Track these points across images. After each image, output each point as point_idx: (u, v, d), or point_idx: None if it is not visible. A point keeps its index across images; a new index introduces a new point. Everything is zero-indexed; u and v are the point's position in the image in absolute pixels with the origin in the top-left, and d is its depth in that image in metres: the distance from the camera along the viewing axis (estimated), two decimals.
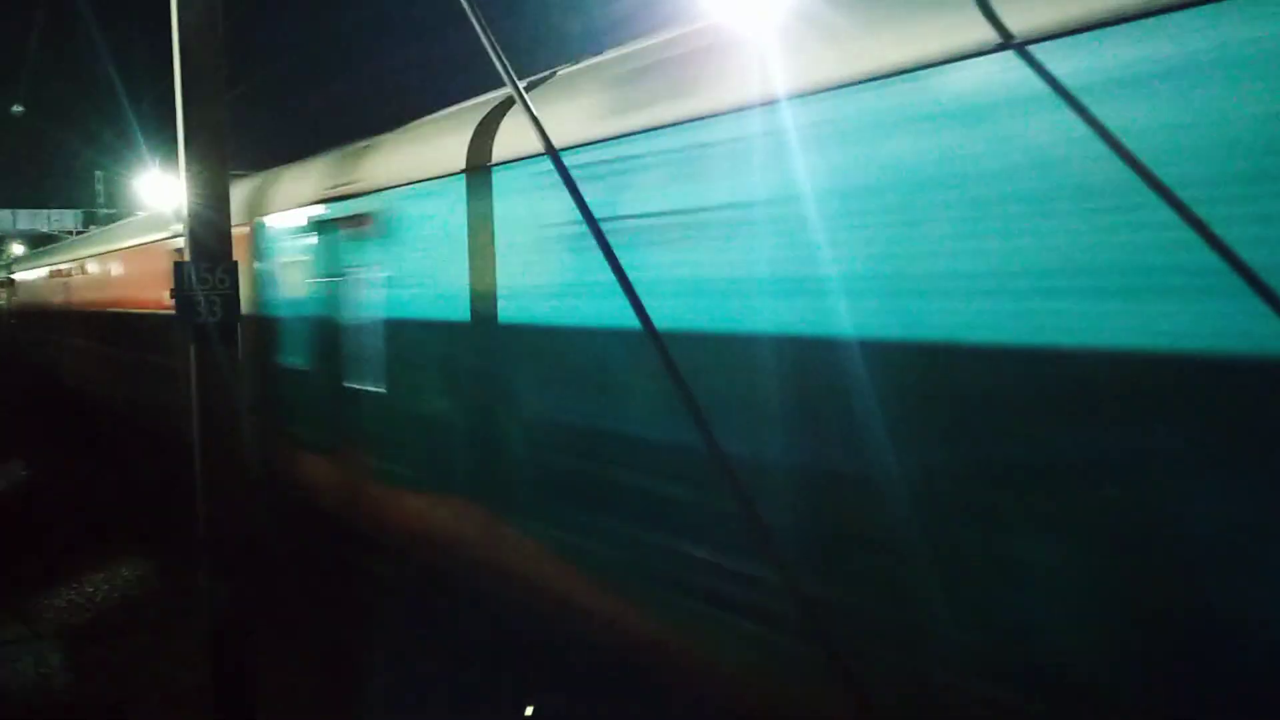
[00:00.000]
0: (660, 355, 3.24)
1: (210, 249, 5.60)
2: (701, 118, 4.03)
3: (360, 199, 6.91)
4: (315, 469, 7.89)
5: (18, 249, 52.84)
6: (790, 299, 3.66)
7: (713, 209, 4.01)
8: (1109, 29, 2.73)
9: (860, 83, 3.39)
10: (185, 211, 5.65)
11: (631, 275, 3.51)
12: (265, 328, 8.61)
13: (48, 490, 14.34)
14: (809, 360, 3.60)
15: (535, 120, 3.79)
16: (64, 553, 11.09)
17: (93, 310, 16.93)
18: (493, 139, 5.51)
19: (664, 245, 4.24)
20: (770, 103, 3.71)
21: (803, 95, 3.59)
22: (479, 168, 5.53)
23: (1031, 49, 2.88)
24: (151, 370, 12.56)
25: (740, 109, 3.86)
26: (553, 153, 3.74)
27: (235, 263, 5.67)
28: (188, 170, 5.58)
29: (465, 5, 4.00)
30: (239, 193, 8.56)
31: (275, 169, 9.36)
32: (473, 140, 5.66)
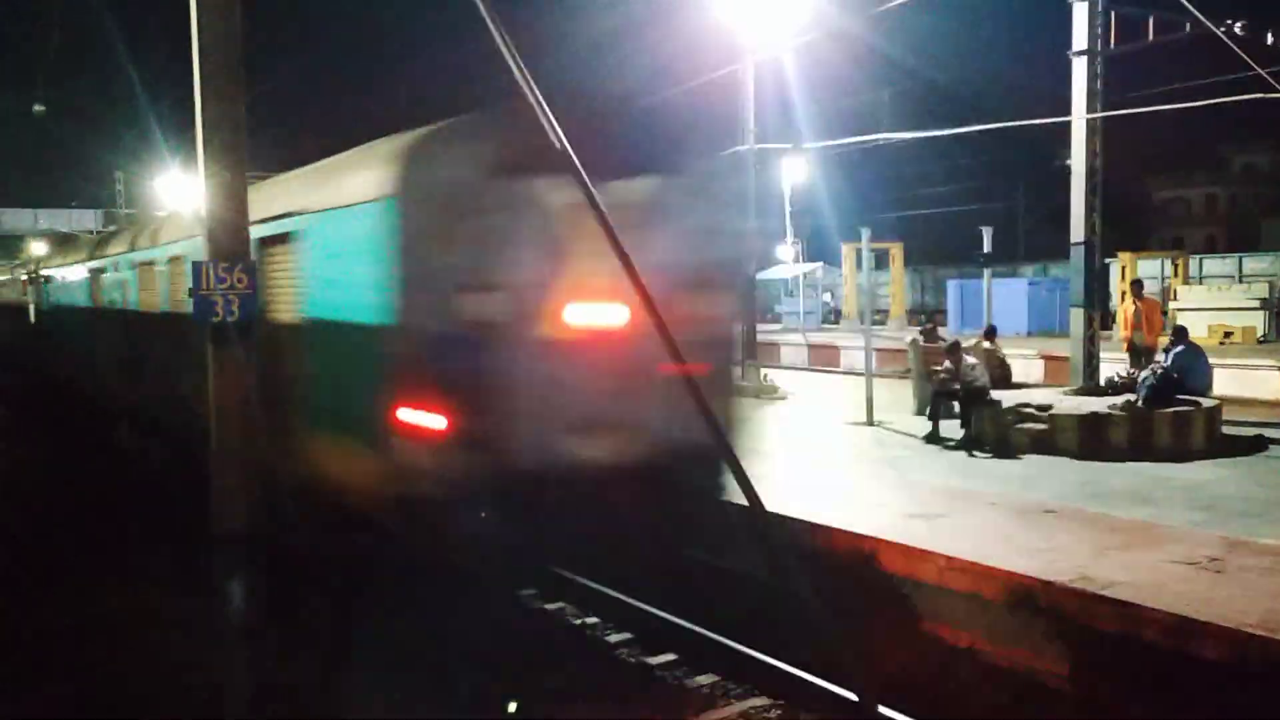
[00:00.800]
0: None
1: (228, 249, 5.65)
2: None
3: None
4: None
5: (40, 248, 53.01)
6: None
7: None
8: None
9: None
10: (204, 212, 5.71)
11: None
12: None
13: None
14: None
15: None
16: (78, 549, 11.16)
17: None
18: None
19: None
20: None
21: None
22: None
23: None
24: None
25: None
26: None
27: (253, 262, 5.72)
28: (206, 171, 5.63)
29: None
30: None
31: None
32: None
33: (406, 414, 6.36)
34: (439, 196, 6.40)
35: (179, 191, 32.60)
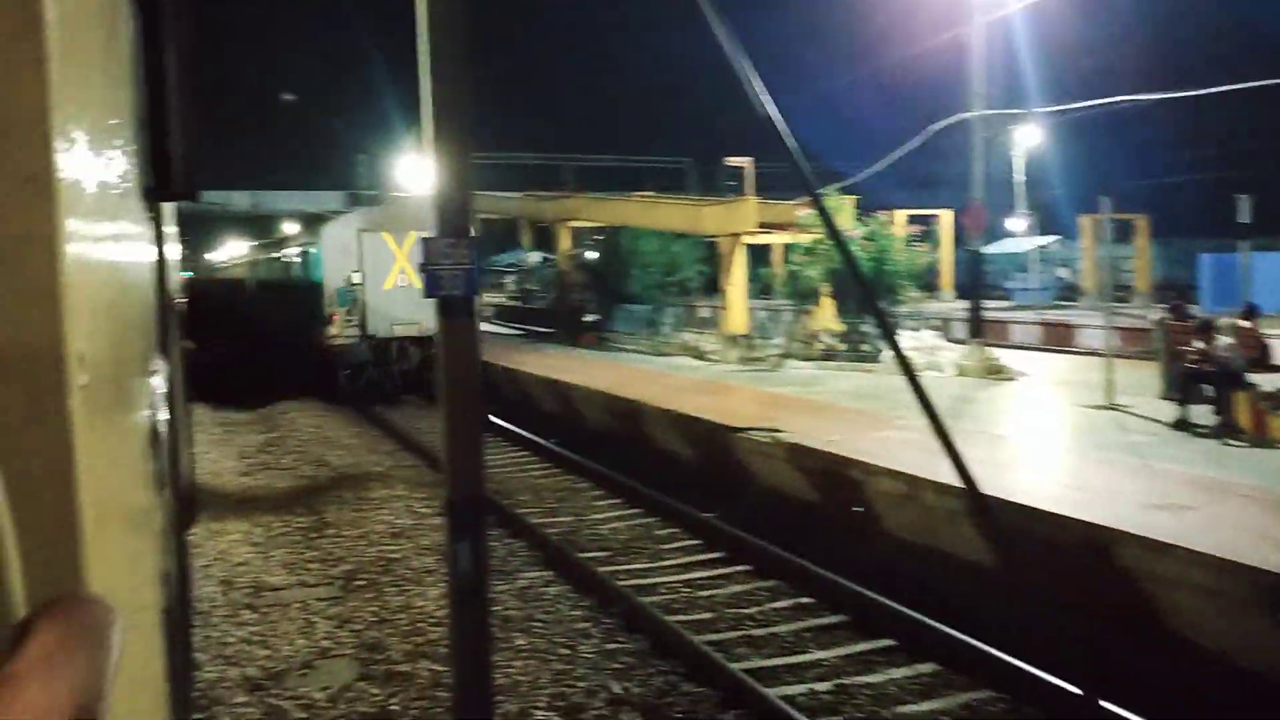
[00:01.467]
0: None
1: (454, 225, 5.87)
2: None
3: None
4: None
5: (291, 228, 57.44)
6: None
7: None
8: None
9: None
10: (434, 189, 5.96)
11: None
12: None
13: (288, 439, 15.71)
14: None
15: None
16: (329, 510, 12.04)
17: None
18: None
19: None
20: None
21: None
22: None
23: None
24: None
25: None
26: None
27: (476, 238, 5.93)
28: (434, 151, 5.87)
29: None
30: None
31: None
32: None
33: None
34: (337, 242, 21.62)
35: (413, 172, 34.44)
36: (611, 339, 27.77)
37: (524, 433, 16.44)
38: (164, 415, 1.48)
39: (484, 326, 9.73)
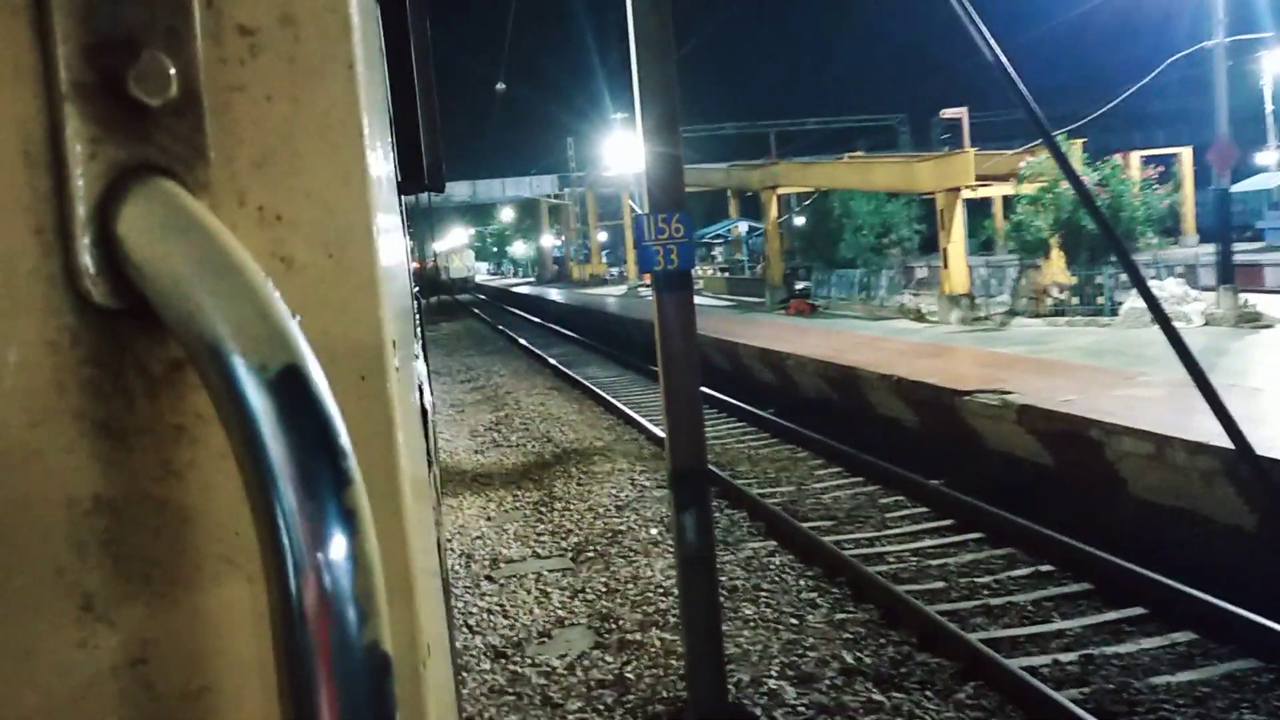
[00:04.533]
0: None
1: (664, 202, 5.92)
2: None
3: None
4: None
5: (508, 215, 59.72)
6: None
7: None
8: None
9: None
10: (644, 166, 6.03)
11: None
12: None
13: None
14: None
15: None
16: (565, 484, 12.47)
17: None
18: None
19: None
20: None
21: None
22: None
23: None
24: None
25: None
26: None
27: (688, 215, 5.96)
28: (643, 130, 5.93)
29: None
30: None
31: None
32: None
33: None
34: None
35: (621, 153, 35.02)
36: (823, 305, 27.37)
37: (739, 404, 16.47)
38: (429, 397, 1.56)
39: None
